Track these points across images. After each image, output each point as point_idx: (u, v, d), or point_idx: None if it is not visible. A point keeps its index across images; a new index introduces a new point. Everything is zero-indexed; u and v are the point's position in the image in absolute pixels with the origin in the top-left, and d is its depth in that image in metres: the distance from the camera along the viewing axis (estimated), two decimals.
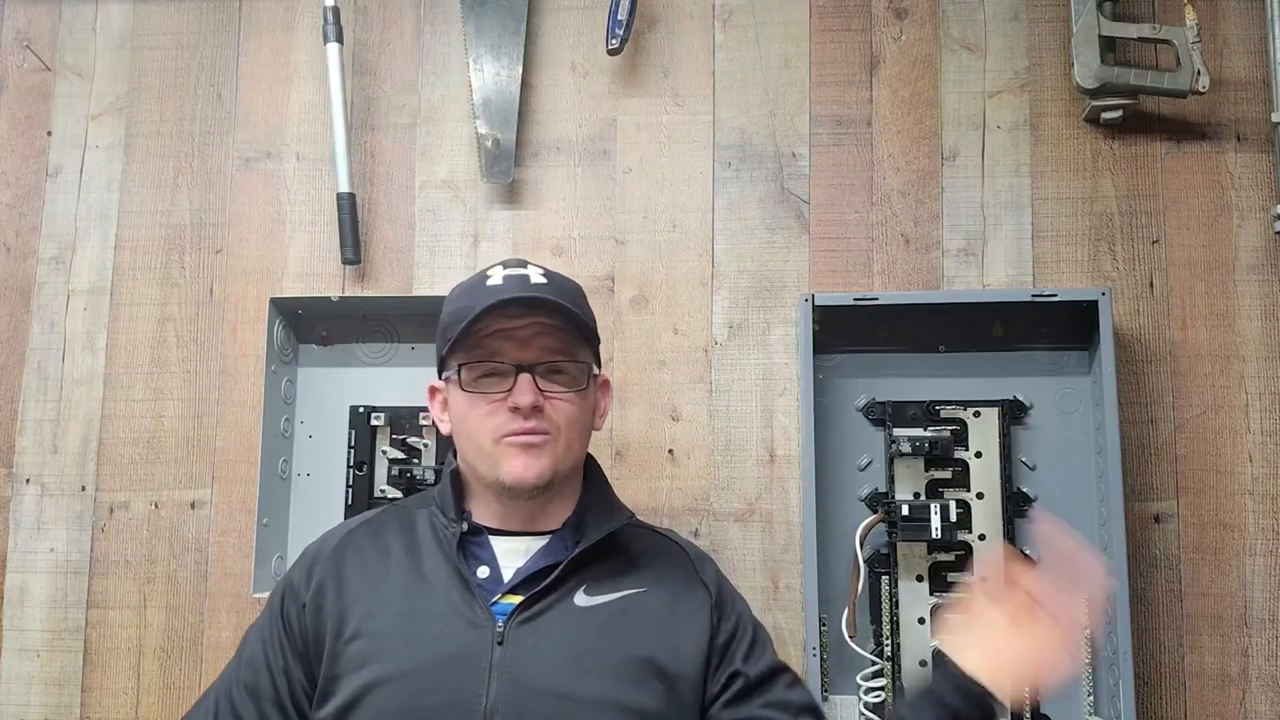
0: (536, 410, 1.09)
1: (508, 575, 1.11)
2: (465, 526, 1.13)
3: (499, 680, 1.03)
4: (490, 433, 1.10)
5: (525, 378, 1.10)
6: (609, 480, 1.23)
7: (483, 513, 1.16)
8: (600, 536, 1.12)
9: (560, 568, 1.09)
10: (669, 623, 1.10)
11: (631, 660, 1.07)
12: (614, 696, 1.04)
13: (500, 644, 1.05)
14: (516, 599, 1.08)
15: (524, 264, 1.18)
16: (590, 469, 1.22)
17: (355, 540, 1.17)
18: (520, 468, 1.09)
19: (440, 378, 1.18)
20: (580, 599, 1.10)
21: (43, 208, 1.68)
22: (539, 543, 1.14)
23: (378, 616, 1.08)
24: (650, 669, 1.07)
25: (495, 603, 1.08)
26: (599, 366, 1.20)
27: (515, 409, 1.09)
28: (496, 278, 1.15)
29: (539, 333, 1.12)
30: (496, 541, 1.14)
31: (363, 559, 1.14)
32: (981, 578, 1.03)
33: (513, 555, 1.13)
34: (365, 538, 1.17)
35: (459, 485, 1.18)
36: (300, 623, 1.12)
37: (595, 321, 1.19)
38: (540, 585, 1.08)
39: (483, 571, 1.11)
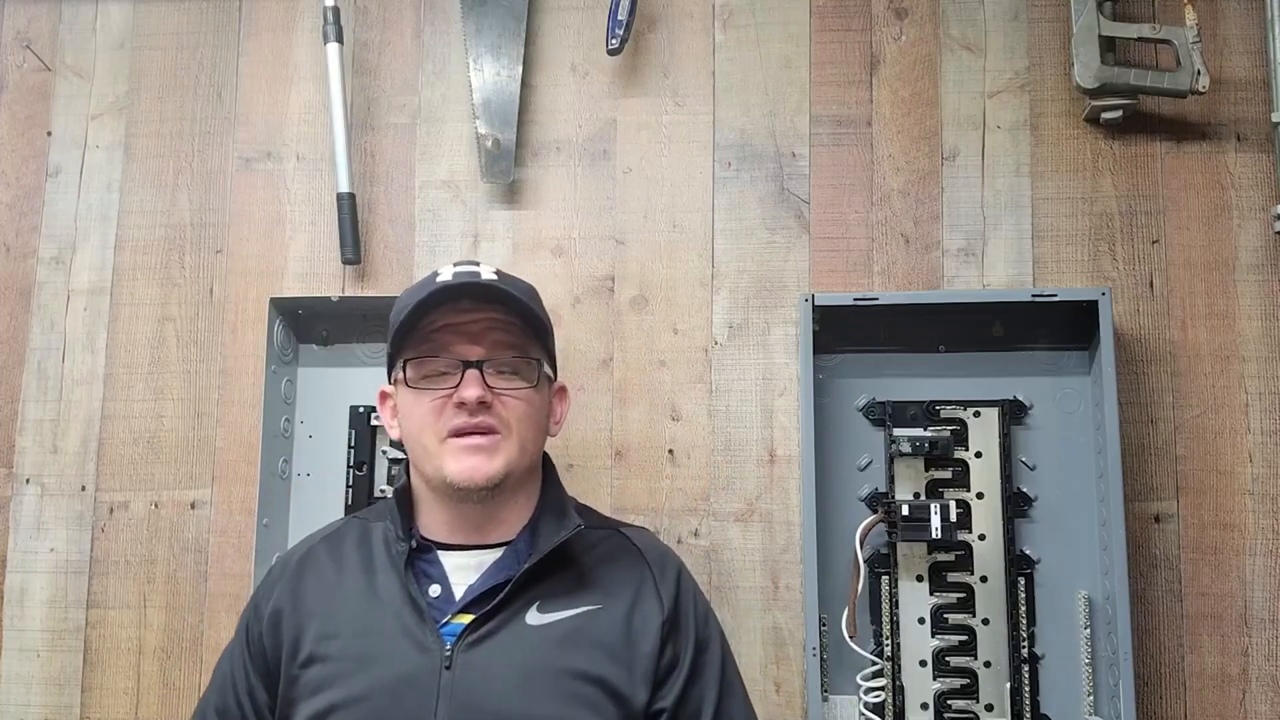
0: (484, 406, 1.06)
1: (459, 593, 1.08)
2: (414, 544, 1.10)
3: (448, 704, 1.01)
4: (436, 432, 1.07)
5: (473, 372, 1.06)
6: (563, 484, 1.20)
7: (432, 525, 1.12)
8: (549, 549, 1.08)
9: (509, 586, 1.06)
10: (624, 641, 1.07)
11: (584, 681, 1.03)
12: (565, 719, 1.02)
13: (448, 668, 1.02)
14: (466, 618, 1.05)
15: (476, 262, 1.15)
16: (546, 473, 1.18)
17: (315, 556, 1.15)
18: (468, 469, 1.06)
19: (389, 380, 1.15)
20: (532, 617, 1.06)
21: (43, 208, 1.68)
22: (491, 557, 1.10)
23: (331, 640, 1.07)
24: (603, 690, 1.04)
25: (446, 623, 1.05)
26: (554, 370, 1.17)
27: (461, 404, 1.06)
28: (446, 274, 1.12)
29: (489, 328, 1.09)
30: (447, 557, 1.10)
31: (320, 577, 1.12)
32: None
33: (464, 572, 1.10)
34: (324, 554, 1.15)
35: (407, 501, 1.15)
36: (260, 643, 1.11)
37: (550, 322, 1.16)
38: (490, 605, 1.05)
39: (434, 590, 1.08)
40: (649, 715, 1.06)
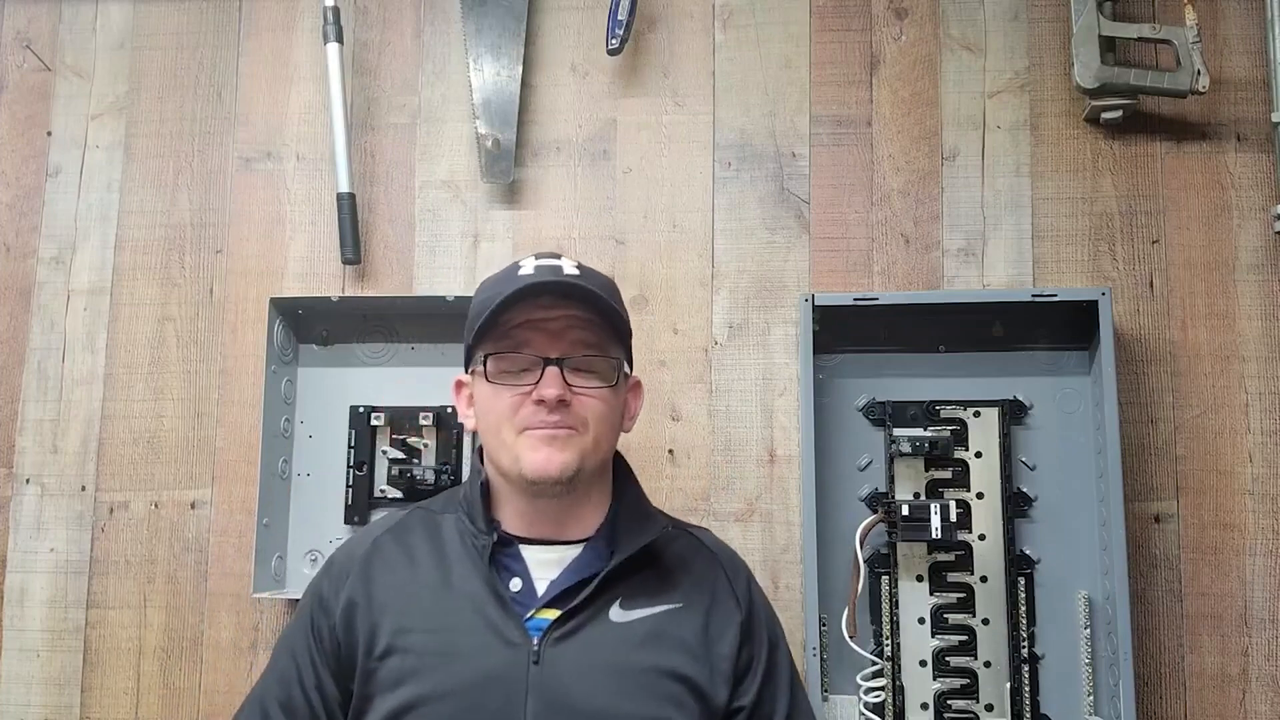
0: (563, 404, 1.05)
1: (541, 588, 1.08)
2: (495, 538, 1.09)
3: (536, 700, 1.01)
4: (513, 426, 1.07)
5: (553, 370, 1.06)
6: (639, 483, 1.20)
7: (512, 519, 1.12)
8: (636, 549, 1.09)
9: (596, 581, 1.06)
10: (703, 641, 1.08)
11: (670, 679, 1.04)
12: (653, 716, 1.02)
13: (536, 663, 1.02)
14: (551, 613, 1.05)
15: (558, 255, 1.14)
16: (620, 472, 1.18)
17: (382, 549, 1.13)
18: (543, 460, 1.05)
19: (466, 371, 1.14)
20: (616, 614, 1.07)
21: (43, 208, 1.69)
22: (572, 552, 1.10)
23: (410, 633, 1.06)
24: (688, 688, 1.05)
25: (530, 618, 1.05)
26: (631, 365, 1.17)
27: (540, 401, 1.05)
28: (528, 267, 1.11)
29: (571, 325, 1.08)
30: (528, 552, 1.10)
31: (391, 569, 1.11)
32: None
33: (545, 566, 1.09)
34: (392, 546, 1.13)
35: (488, 494, 1.14)
36: (332, 638, 1.09)
37: (629, 317, 1.15)
38: (576, 600, 1.05)
39: (515, 584, 1.08)
40: (728, 713, 1.08)
